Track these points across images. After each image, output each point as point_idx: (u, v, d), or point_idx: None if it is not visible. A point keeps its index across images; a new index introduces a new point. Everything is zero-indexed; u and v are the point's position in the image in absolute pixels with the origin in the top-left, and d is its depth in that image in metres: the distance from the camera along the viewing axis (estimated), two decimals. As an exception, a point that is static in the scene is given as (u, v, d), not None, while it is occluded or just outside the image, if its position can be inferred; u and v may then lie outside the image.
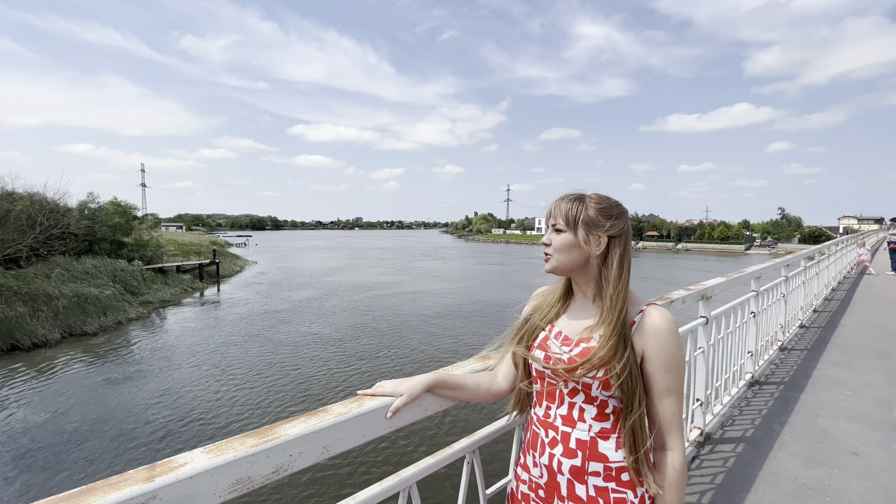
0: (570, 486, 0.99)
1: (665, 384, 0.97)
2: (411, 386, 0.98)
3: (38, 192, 22.46)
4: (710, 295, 2.59)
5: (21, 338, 14.76)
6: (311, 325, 17.67)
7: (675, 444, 0.98)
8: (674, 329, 0.98)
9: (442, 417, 8.79)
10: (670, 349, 0.96)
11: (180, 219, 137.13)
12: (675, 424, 0.98)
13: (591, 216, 1.00)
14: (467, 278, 33.11)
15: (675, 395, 0.98)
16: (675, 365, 0.97)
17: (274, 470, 0.76)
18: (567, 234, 1.01)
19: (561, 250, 1.01)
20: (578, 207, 1.01)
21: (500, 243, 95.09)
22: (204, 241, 44.95)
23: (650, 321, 0.97)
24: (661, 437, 0.99)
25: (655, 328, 0.97)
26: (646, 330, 0.97)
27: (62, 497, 0.59)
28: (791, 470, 2.35)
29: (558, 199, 1.05)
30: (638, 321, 0.99)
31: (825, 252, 7.45)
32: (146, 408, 10.17)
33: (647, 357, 0.97)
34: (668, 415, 0.98)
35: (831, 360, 4.21)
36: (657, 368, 0.97)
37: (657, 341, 0.96)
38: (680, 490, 0.97)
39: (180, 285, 26.28)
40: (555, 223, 1.03)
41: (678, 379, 0.98)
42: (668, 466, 0.98)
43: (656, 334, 0.96)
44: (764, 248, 74.67)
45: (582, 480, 0.98)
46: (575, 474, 0.98)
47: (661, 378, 0.97)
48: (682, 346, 0.99)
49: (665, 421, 0.98)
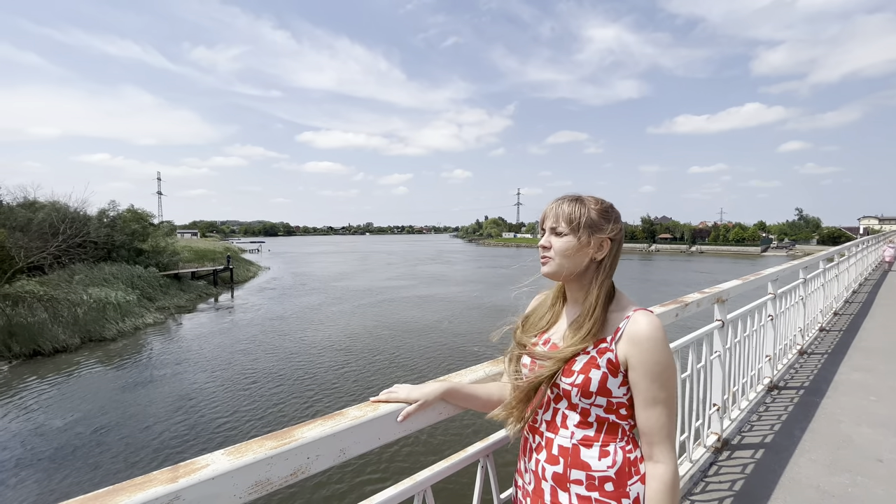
0: (554, 492, 0.98)
1: (651, 394, 0.92)
2: (425, 394, 0.99)
3: (59, 200, 23.17)
4: (725, 298, 2.56)
5: (43, 343, 15.15)
6: (322, 330, 17.79)
7: (663, 457, 0.93)
8: (659, 336, 0.93)
9: (460, 419, 8.76)
10: (655, 357, 0.92)
11: (195, 225, 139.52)
12: (664, 436, 0.93)
13: (594, 219, 0.99)
14: (477, 281, 33.05)
15: (663, 405, 0.93)
16: (662, 374, 0.92)
17: (292, 472, 0.77)
18: (569, 238, 0.98)
19: (563, 254, 0.99)
20: (580, 209, 0.99)
21: (510, 247, 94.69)
22: (218, 247, 45.58)
23: (635, 328, 0.94)
24: (649, 449, 0.95)
25: (639, 335, 0.92)
26: (629, 337, 0.93)
27: (90, 497, 0.61)
28: (813, 477, 2.29)
29: (556, 201, 1.03)
30: (623, 327, 0.95)
31: (845, 253, 7.27)
32: (166, 411, 10.34)
33: (631, 365, 0.93)
34: (654, 426, 0.93)
35: (853, 363, 4.10)
36: (641, 377, 0.92)
37: (640, 349, 0.92)
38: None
39: (195, 291, 26.69)
40: (555, 225, 1.00)
41: (666, 388, 0.93)
42: (657, 479, 0.93)
43: (640, 342, 0.92)
44: (781, 249, 73.12)
45: (564, 488, 0.97)
46: (557, 481, 0.97)
47: (646, 387, 0.92)
48: (671, 355, 0.94)
49: (652, 432, 0.93)
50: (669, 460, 0.94)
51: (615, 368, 0.94)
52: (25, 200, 22.54)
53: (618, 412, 0.97)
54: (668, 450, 0.94)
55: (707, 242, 79.51)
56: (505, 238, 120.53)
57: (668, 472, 0.93)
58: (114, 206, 27.00)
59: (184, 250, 33.13)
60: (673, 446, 0.96)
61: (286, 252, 75.75)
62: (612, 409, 0.96)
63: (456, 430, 8.61)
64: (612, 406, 0.96)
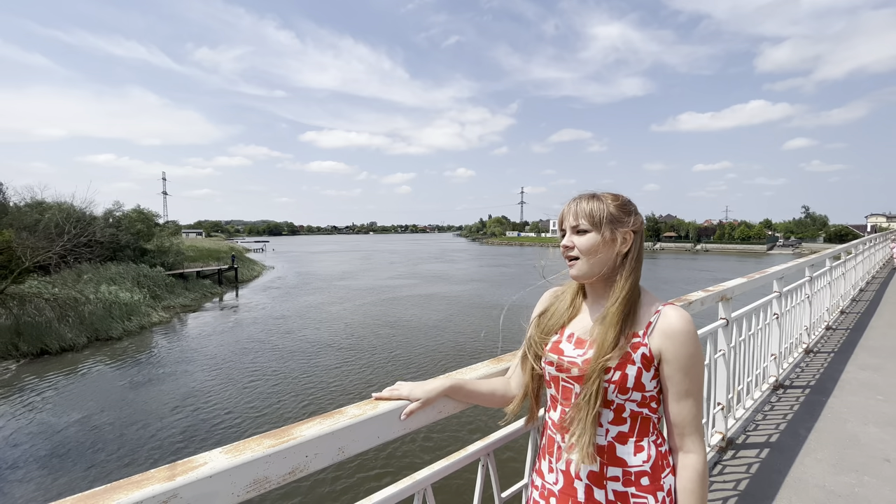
0: (588, 491, 0.98)
1: (684, 386, 0.95)
2: (427, 391, 0.99)
3: (65, 201, 23.36)
4: (730, 296, 2.53)
5: (50, 342, 15.28)
6: (324, 329, 17.84)
7: (695, 448, 0.96)
8: (691, 330, 0.95)
9: (458, 418, 8.76)
10: (688, 350, 0.94)
11: (200, 225, 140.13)
12: (695, 427, 0.96)
13: (614, 213, 0.99)
14: (480, 280, 33.01)
15: (694, 397, 0.96)
16: (694, 367, 0.95)
17: (290, 470, 0.77)
18: (593, 234, 0.98)
19: (589, 251, 0.98)
20: (599, 205, 0.99)
21: (514, 246, 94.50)
22: (223, 246, 45.81)
23: (667, 322, 0.95)
24: (680, 441, 0.97)
25: (673, 329, 0.94)
26: (663, 331, 0.95)
27: (88, 494, 0.61)
28: (818, 476, 2.27)
29: (575, 200, 1.02)
30: (654, 322, 0.96)
31: (852, 251, 7.20)
32: (167, 410, 10.41)
33: (664, 359, 0.95)
34: (687, 417, 0.96)
35: (860, 362, 4.06)
36: (675, 371, 0.94)
37: (674, 343, 0.93)
38: (699, 494, 0.95)
39: (200, 290, 26.84)
40: (576, 224, 0.99)
41: (697, 381, 0.96)
42: (689, 469, 0.95)
43: (674, 335, 0.93)
44: (787, 247, 72.53)
45: (601, 485, 0.97)
46: (594, 479, 0.97)
47: (680, 380, 0.94)
48: (701, 348, 0.97)
49: (684, 424, 0.96)
50: (700, 450, 0.96)
51: (649, 363, 0.95)
52: (33, 201, 22.76)
53: (649, 406, 0.98)
54: (699, 440, 0.97)
55: (712, 241, 78.96)
56: (509, 237, 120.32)
57: (699, 461, 0.96)
58: (119, 207, 27.23)
59: (188, 250, 33.31)
60: (702, 437, 0.98)
61: (290, 251, 76.00)
62: (645, 403, 0.97)
63: (455, 428, 8.61)
64: (646, 400, 0.97)
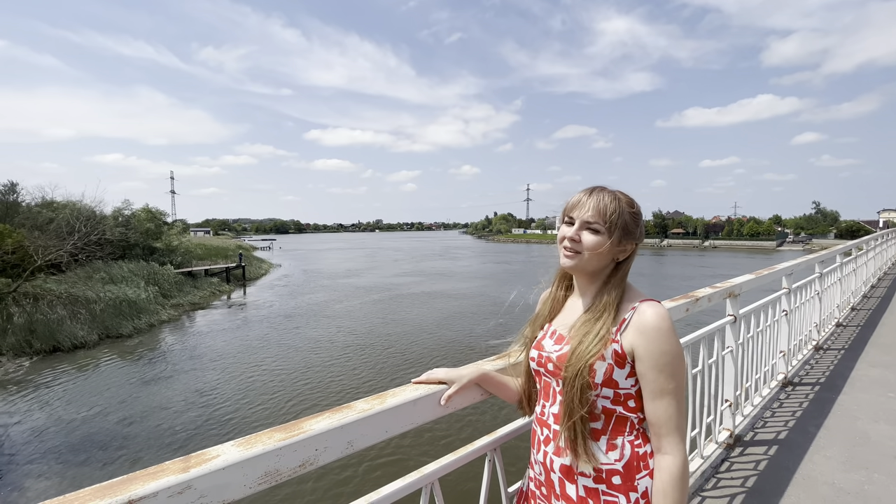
0: (562, 484, 0.99)
1: (658, 385, 0.91)
2: (462, 376, 1.05)
3: (76, 200, 23.68)
4: (737, 293, 2.52)
5: (62, 339, 15.53)
6: (330, 327, 17.96)
7: (671, 449, 0.91)
8: (666, 325, 0.91)
9: (459, 416, 8.79)
10: (661, 347, 0.90)
11: (207, 224, 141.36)
12: (672, 427, 0.91)
13: (628, 222, 0.97)
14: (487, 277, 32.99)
15: (671, 396, 0.91)
16: (669, 364, 0.90)
17: (300, 463, 0.79)
18: (604, 237, 0.95)
19: (593, 251, 0.96)
20: (617, 208, 0.96)
21: (520, 243, 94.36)
22: (230, 245, 46.19)
23: (640, 318, 0.92)
24: (657, 441, 0.93)
25: (645, 326, 0.91)
26: (636, 328, 0.92)
27: (106, 485, 0.63)
28: (828, 473, 2.25)
29: (597, 193, 0.98)
30: (629, 318, 0.94)
31: (863, 247, 7.10)
32: (179, 404, 10.56)
33: (637, 356, 0.92)
34: (662, 417, 0.91)
35: (871, 360, 4.01)
36: (648, 368, 0.91)
37: (647, 339, 0.91)
38: (673, 498, 0.90)
39: (209, 288, 27.12)
40: (592, 221, 0.95)
41: (674, 379, 0.91)
42: (664, 471, 0.91)
43: (646, 332, 0.91)
44: (797, 244, 71.67)
45: (572, 480, 0.97)
46: (565, 473, 0.98)
47: (654, 378, 0.91)
48: (678, 345, 0.93)
49: (660, 424, 0.92)
50: (678, 452, 0.92)
51: (621, 360, 0.93)
52: (43, 201, 23.10)
53: (625, 404, 0.95)
54: (677, 442, 0.92)
55: (721, 237, 78.23)
56: (514, 234, 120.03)
57: (675, 463, 0.91)
58: (128, 206, 27.54)
59: (196, 248, 33.62)
60: (682, 438, 0.93)
61: (297, 249, 76.47)
62: (620, 401, 0.95)
63: (458, 424, 8.64)
64: (620, 397, 0.95)
